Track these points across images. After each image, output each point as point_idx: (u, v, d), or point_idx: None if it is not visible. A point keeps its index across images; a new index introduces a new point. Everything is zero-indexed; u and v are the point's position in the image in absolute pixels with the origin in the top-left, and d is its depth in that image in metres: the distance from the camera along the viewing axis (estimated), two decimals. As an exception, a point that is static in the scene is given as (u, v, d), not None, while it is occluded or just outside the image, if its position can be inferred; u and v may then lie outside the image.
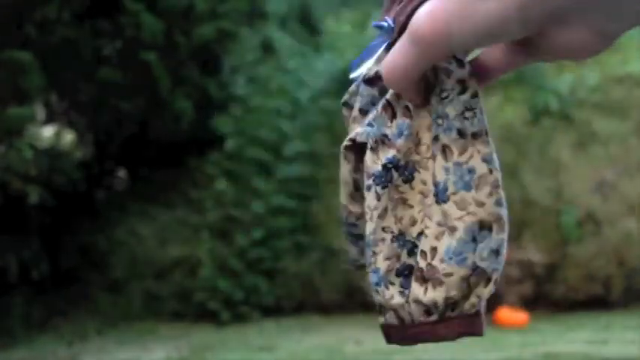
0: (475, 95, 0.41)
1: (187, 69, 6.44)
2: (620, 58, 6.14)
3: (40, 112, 6.59)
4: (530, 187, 5.56)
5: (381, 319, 0.44)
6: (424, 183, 0.42)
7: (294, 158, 6.30)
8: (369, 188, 0.42)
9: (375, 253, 0.42)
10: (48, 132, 7.02)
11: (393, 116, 0.43)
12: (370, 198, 0.42)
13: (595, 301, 5.39)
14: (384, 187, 0.42)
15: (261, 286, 6.02)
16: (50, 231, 6.39)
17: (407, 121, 0.42)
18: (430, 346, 4.77)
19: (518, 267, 5.36)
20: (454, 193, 0.41)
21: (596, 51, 0.39)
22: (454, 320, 0.42)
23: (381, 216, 0.42)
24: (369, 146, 0.42)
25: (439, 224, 0.41)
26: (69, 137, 7.24)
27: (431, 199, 0.42)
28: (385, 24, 0.43)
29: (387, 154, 0.42)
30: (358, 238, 0.45)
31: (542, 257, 5.45)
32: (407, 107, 0.42)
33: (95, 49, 6.03)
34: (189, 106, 6.33)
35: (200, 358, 4.71)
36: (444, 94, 0.41)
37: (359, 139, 0.43)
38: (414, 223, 0.43)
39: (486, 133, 0.42)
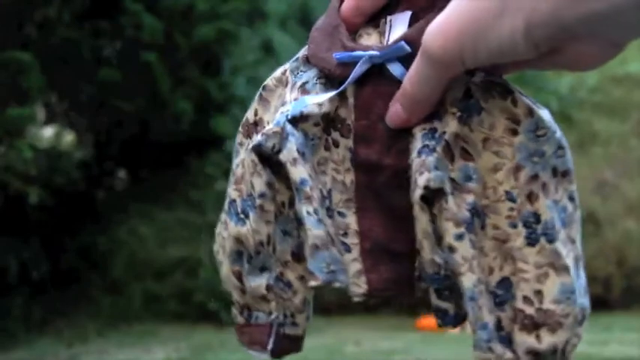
0: (562, 135, 0.41)
1: (187, 69, 6.44)
2: (619, 59, 6.14)
3: (40, 112, 6.60)
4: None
5: None
6: (496, 227, 0.40)
7: (295, 159, 6.30)
8: (461, 237, 0.39)
9: (480, 307, 0.39)
10: (48, 132, 7.03)
11: (452, 159, 0.41)
12: (465, 247, 0.39)
13: (595, 302, 5.39)
14: (475, 235, 0.40)
15: (261, 286, 6.02)
16: (50, 231, 6.39)
17: (471, 164, 0.41)
18: (430, 347, 4.77)
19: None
20: (559, 231, 0.40)
21: (604, 60, 0.39)
22: None
23: (477, 266, 0.39)
24: (448, 192, 0.40)
25: (538, 266, 0.39)
26: (69, 137, 7.24)
27: (520, 242, 0.40)
28: (373, 52, 0.43)
29: (468, 199, 0.40)
30: (452, 291, 0.41)
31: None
32: (464, 149, 0.41)
33: (95, 49, 6.03)
34: (189, 106, 6.33)
35: (200, 359, 4.70)
36: (541, 132, 0.40)
37: (433, 185, 0.39)
38: (491, 271, 0.40)
39: (572, 171, 0.41)
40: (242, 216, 0.46)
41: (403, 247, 0.42)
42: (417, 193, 0.40)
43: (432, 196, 0.40)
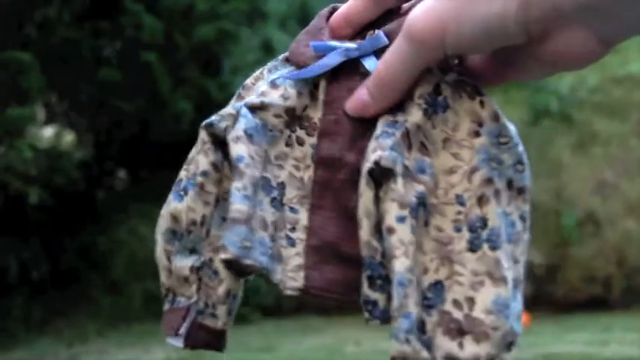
0: (524, 152, 0.40)
1: (187, 69, 6.44)
2: (620, 59, 6.14)
3: (40, 112, 6.60)
4: (530, 188, 5.55)
5: None
6: (439, 229, 0.38)
7: (295, 159, 6.31)
8: (402, 220, 0.37)
9: (407, 296, 0.36)
10: (48, 132, 7.03)
11: (409, 148, 0.39)
12: (405, 231, 0.37)
13: (595, 302, 5.39)
14: (416, 222, 0.37)
15: (261, 286, 6.02)
16: (50, 231, 6.39)
17: (427, 159, 0.39)
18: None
19: (518, 267, 5.36)
20: (505, 242, 0.38)
21: (595, 58, 0.37)
22: None
23: (413, 254, 0.37)
24: (399, 173, 0.38)
25: (475, 273, 0.37)
26: (69, 137, 7.24)
27: (462, 246, 0.38)
28: (349, 45, 0.42)
29: (417, 187, 0.38)
30: (386, 281, 0.38)
31: (543, 258, 5.45)
32: (423, 144, 0.39)
33: (95, 49, 6.03)
34: (189, 106, 6.33)
35: (200, 359, 4.70)
36: (503, 140, 0.39)
37: (384, 163, 0.38)
38: (425, 272, 0.38)
39: (527, 191, 0.40)
40: (182, 193, 0.44)
41: (355, 250, 0.39)
42: (365, 167, 0.38)
43: (381, 177, 0.38)
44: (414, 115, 0.39)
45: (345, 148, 0.41)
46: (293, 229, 0.41)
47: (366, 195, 0.38)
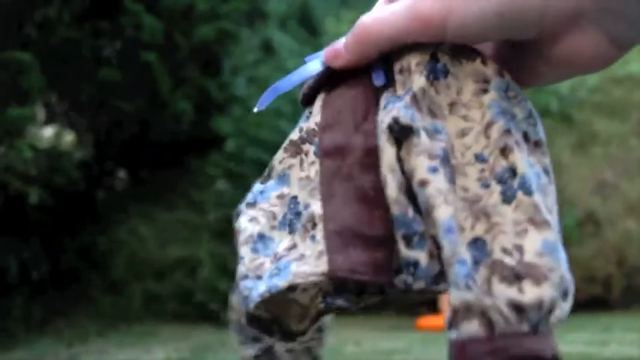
0: (532, 105, 0.39)
1: (187, 69, 6.44)
2: (620, 59, 6.14)
3: (40, 112, 6.60)
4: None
5: (454, 334, 0.34)
6: (465, 189, 0.37)
7: (295, 159, 6.31)
8: (435, 170, 0.35)
9: (457, 242, 0.34)
10: (48, 132, 7.03)
11: (420, 111, 0.38)
12: (439, 180, 0.35)
13: (595, 302, 5.39)
14: (446, 175, 0.36)
15: (261, 286, 6.02)
16: (50, 231, 6.39)
17: (438, 122, 0.38)
18: (430, 347, 4.76)
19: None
20: (536, 191, 0.36)
21: (608, 61, 0.37)
22: (547, 334, 0.35)
23: (454, 202, 0.35)
24: (420, 128, 0.36)
25: (516, 222, 0.35)
26: (69, 137, 7.24)
27: (495, 199, 0.36)
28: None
29: (439, 143, 0.37)
30: (423, 237, 0.36)
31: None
32: (430, 109, 0.38)
33: (95, 49, 6.03)
34: (189, 106, 6.33)
35: (200, 359, 4.70)
36: (512, 94, 0.38)
37: (402, 120, 0.36)
38: (461, 230, 0.36)
39: (544, 144, 0.38)
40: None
41: (379, 231, 0.37)
42: (384, 124, 0.36)
43: (401, 136, 0.36)
44: (418, 81, 0.38)
45: (349, 133, 0.40)
46: (314, 226, 0.39)
47: (387, 151, 0.36)
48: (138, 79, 6.03)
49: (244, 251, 0.40)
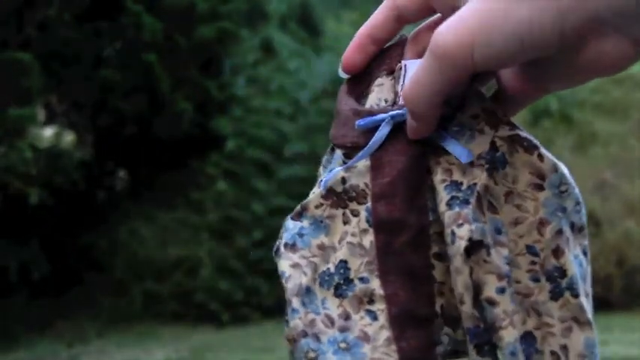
0: (578, 192, 0.41)
1: (187, 70, 6.44)
2: None
3: (40, 112, 6.60)
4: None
5: None
6: (517, 281, 0.40)
7: (295, 159, 6.31)
8: (502, 291, 0.39)
9: None
10: (48, 132, 7.03)
11: (482, 211, 0.40)
12: (507, 301, 0.38)
13: (595, 302, 5.39)
14: (510, 288, 0.39)
15: (261, 287, 6.02)
16: (50, 232, 6.40)
17: (498, 217, 0.40)
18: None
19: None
20: (581, 286, 0.41)
21: (630, 62, 0.37)
22: None
23: (518, 322, 0.39)
24: (490, 244, 0.39)
25: (562, 320, 0.40)
26: (69, 137, 7.24)
27: (544, 296, 0.40)
28: (392, 112, 0.41)
29: (502, 252, 0.39)
30: (493, 346, 0.40)
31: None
32: (490, 202, 0.40)
33: (95, 49, 6.03)
34: (189, 106, 6.33)
35: (200, 359, 4.70)
36: (564, 188, 0.40)
37: (475, 236, 0.38)
38: None
39: (586, 227, 0.41)
40: None
41: (426, 310, 0.41)
42: (460, 245, 0.38)
43: (471, 249, 0.39)
44: (482, 177, 0.40)
45: (404, 210, 0.41)
46: (371, 301, 0.41)
47: (464, 272, 0.38)
48: (138, 79, 6.03)
49: (296, 303, 0.41)
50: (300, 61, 6.83)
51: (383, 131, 0.41)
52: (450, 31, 0.36)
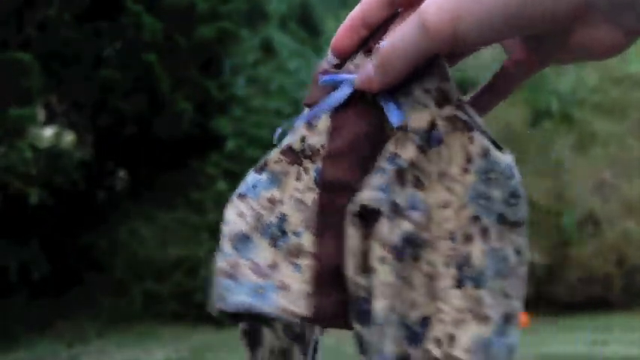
0: (520, 184, 0.39)
1: (187, 70, 6.44)
2: (620, 59, 6.15)
3: (40, 112, 6.60)
4: (530, 188, 5.56)
5: None
6: (432, 265, 0.39)
7: (295, 159, 6.32)
8: (383, 260, 0.38)
9: (382, 335, 0.38)
10: (48, 132, 7.03)
11: (402, 184, 0.40)
12: (385, 272, 0.38)
13: (595, 302, 5.39)
14: (400, 262, 0.39)
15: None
16: (50, 231, 6.39)
17: (420, 194, 0.39)
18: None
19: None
20: (491, 280, 0.38)
21: (621, 49, 0.38)
22: None
23: (394, 294, 0.39)
24: (384, 214, 0.39)
25: (460, 310, 0.38)
26: (69, 137, 7.24)
27: (447, 282, 0.39)
28: (353, 75, 0.42)
29: (403, 226, 0.39)
30: (369, 316, 0.40)
31: (543, 258, 5.45)
32: (418, 178, 0.39)
33: (95, 49, 6.03)
34: (189, 106, 6.33)
35: (200, 359, 4.70)
36: (493, 175, 0.39)
37: (371, 204, 0.39)
38: (413, 305, 0.39)
39: (524, 224, 0.39)
40: None
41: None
42: (351, 208, 0.39)
43: (369, 217, 0.39)
44: (408, 151, 0.39)
45: (351, 173, 0.41)
46: (300, 256, 0.41)
47: (351, 236, 0.39)
48: (138, 79, 6.03)
49: (227, 247, 0.42)
50: (300, 61, 6.83)
51: (343, 90, 0.42)
52: (436, 4, 0.36)
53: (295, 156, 0.43)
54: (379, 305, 0.38)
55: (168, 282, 6.24)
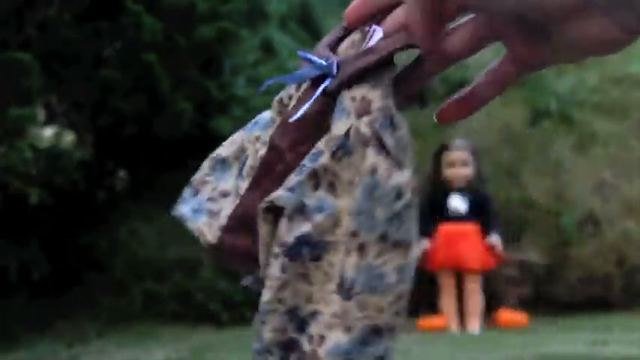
0: (409, 205, 0.40)
1: (187, 70, 6.44)
2: (620, 59, 6.14)
3: (40, 112, 6.60)
4: (530, 188, 5.56)
5: None
6: (331, 265, 0.41)
7: (295, 159, 6.31)
8: (276, 257, 0.41)
9: (264, 323, 0.41)
10: (48, 132, 7.03)
11: (316, 187, 0.41)
12: (275, 267, 0.41)
13: (595, 302, 5.39)
14: (291, 260, 0.41)
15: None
16: (50, 232, 6.40)
17: (330, 199, 0.41)
18: (430, 347, 4.75)
19: (518, 268, 5.36)
20: (359, 293, 0.40)
21: (619, 46, 0.37)
22: None
23: (281, 288, 0.41)
24: (285, 214, 0.41)
25: (334, 315, 0.40)
26: (69, 137, 7.24)
27: (333, 286, 0.41)
28: (321, 61, 0.44)
29: (303, 227, 0.41)
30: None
31: (542, 258, 5.45)
32: (332, 183, 0.41)
33: (95, 49, 6.03)
34: (189, 106, 6.33)
35: (200, 359, 4.70)
36: (377, 194, 0.40)
37: (277, 202, 0.41)
38: (309, 300, 0.41)
39: (409, 244, 0.41)
40: None
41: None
42: (261, 204, 0.41)
43: (277, 213, 0.41)
44: (323, 157, 0.41)
45: (287, 146, 0.44)
46: (237, 194, 0.46)
47: (262, 229, 0.42)
48: (138, 79, 6.04)
49: (207, 165, 0.49)
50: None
51: (305, 70, 0.45)
52: None
53: (282, 107, 0.47)
54: (265, 296, 0.41)
55: (168, 282, 6.24)
